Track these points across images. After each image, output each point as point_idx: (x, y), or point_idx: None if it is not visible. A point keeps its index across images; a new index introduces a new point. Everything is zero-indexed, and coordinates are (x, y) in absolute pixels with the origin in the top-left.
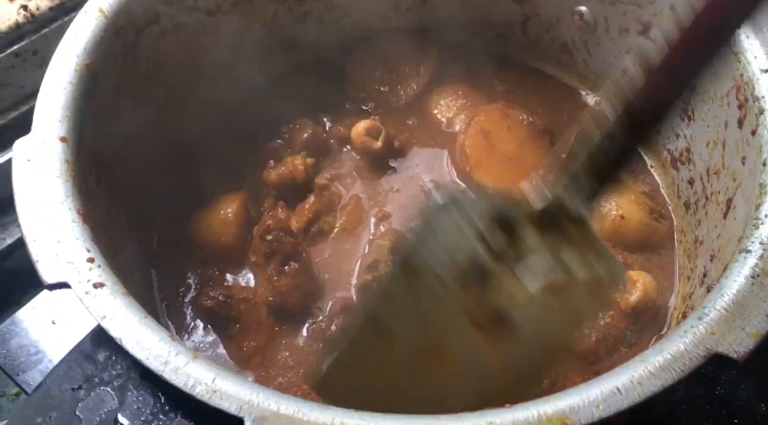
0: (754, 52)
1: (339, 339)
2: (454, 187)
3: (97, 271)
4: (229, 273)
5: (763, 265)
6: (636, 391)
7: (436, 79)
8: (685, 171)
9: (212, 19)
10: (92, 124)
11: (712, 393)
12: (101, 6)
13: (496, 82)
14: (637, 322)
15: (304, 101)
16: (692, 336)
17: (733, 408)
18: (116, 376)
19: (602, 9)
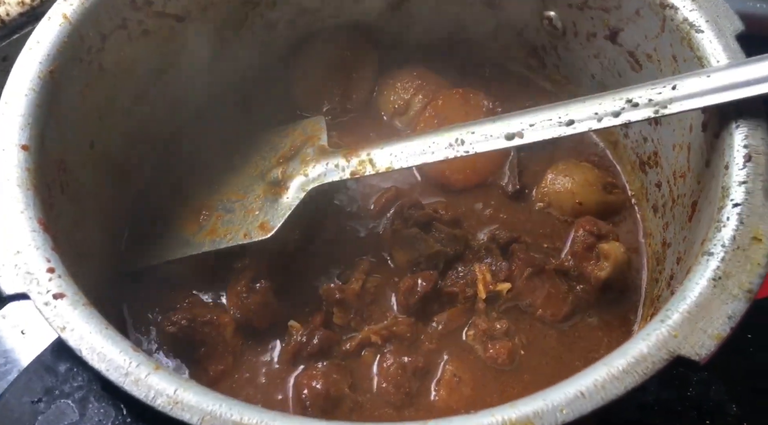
0: (717, 56)
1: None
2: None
3: (57, 281)
4: (196, 290)
5: (725, 268)
6: (599, 394)
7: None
8: (653, 174)
9: (181, 24)
10: (56, 131)
11: (684, 395)
12: (65, 12)
13: (456, 73)
14: (608, 293)
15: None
16: (655, 338)
17: (705, 409)
18: (77, 388)
19: (570, 14)
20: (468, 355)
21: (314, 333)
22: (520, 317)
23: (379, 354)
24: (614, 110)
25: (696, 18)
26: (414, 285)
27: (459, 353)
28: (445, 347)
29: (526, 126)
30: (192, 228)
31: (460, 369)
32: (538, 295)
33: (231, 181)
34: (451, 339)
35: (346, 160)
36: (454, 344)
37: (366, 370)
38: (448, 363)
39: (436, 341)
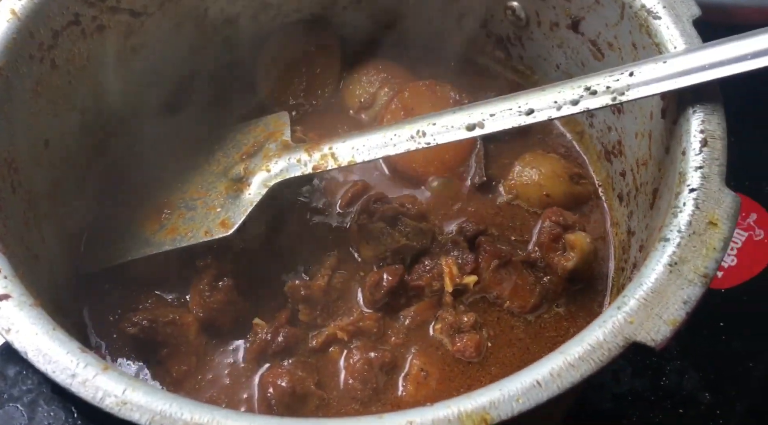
0: (674, 43)
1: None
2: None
3: (3, 282)
4: (157, 290)
5: (681, 253)
6: (555, 383)
7: (349, 65)
8: (618, 163)
9: (138, 20)
10: (6, 129)
11: (657, 384)
12: (13, 8)
13: (421, 66)
14: (575, 283)
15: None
16: (611, 325)
17: (678, 398)
18: (26, 392)
19: (533, 4)
20: (435, 349)
21: (279, 331)
22: (487, 309)
23: (346, 350)
24: (573, 98)
25: (653, 4)
26: (380, 280)
27: (426, 347)
28: (413, 341)
29: (487, 116)
30: (153, 227)
31: (428, 364)
32: (505, 287)
33: (193, 179)
34: (418, 333)
35: (309, 155)
36: (422, 338)
37: (332, 367)
38: (415, 358)
39: (403, 335)
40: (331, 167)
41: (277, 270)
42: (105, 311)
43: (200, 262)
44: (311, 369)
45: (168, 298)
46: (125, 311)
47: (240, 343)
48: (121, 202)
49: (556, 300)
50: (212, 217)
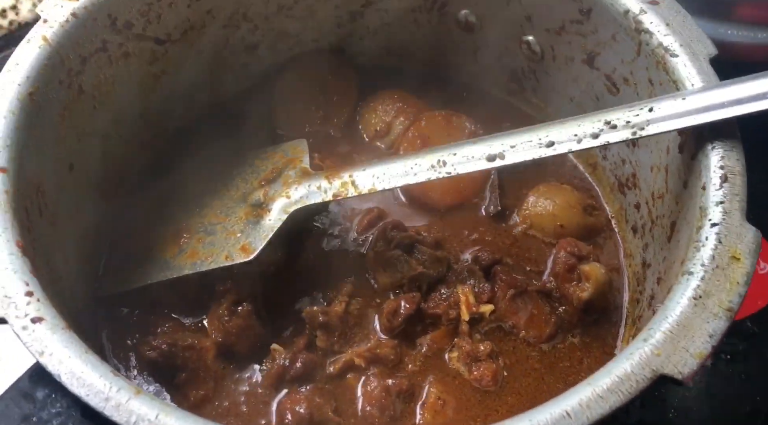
0: (692, 80)
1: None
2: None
3: (36, 305)
4: (176, 314)
5: (705, 287)
6: (585, 414)
7: (364, 94)
8: (632, 196)
9: (162, 47)
10: (35, 153)
11: (666, 418)
12: (45, 34)
13: (436, 97)
14: (590, 313)
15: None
16: (638, 357)
17: None
18: (56, 415)
19: (549, 39)
20: (452, 378)
21: (297, 357)
22: (503, 338)
23: (363, 377)
24: (593, 132)
25: (671, 42)
26: (397, 307)
27: (443, 375)
28: (429, 369)
29: (507, 147)
30: (172, 250)
31: (444, 392)
32: (521, 316)
33: (212, 203)
34: (434, 361)
35: (329, 182)
36: (438, 366)
37: (350, 393)
38: (432, 386)
39: (420, 363)
40: (351, 194)
41: (294, 295)
42: (123, 334)
43: (220, 287)
44: (329, 396)
45: (185, 322)
46: (143, 334)
47: (257, 368)
48: (139, 226)
49: (571, 330)
50: (232, 242)
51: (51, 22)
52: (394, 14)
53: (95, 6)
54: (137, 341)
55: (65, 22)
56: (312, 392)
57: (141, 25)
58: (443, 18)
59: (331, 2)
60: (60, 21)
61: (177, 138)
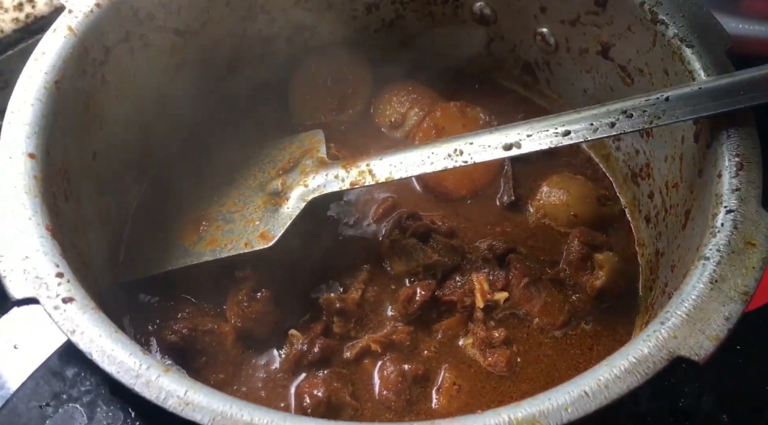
0: (707, 70)
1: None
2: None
3: (66, 286)
4: (197, 299)
5: (721, 271)
6: (603, 394)
7: (378, 86)
8: (645, 186)
9: (181, 38)
10: (60, 140)
11: (675, 406)
12: (70, 24)
13: (450, 88)
14: (603, 301)
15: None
16: (655, 340)
17: (696, 419)
18: (85, 392)
19: (563, 30)
20: (467, 364)
21: (315, 342)
22: (517, 325)
23: (380, 362)
24: (609, 121)
25: (686, 33)
26: (413, 294)
27: (458, 361)
28: (444, 355)
29: (524, 136)
30: (191, 238)
31: (459, 377)
32: (534, 304)
33: (230, 192)
34: (449, 347)
35: (346, 171)
36: (453, 352)
37: (367, 378)
38: (447, 371)
39: (435, 349)
40: (368, 183)
41: (311, 282)
42: (145, 319)
43: (239, 273)
44: (346, 380)
45: (206, 307)
46: (164, 319)
47: (275, 353)
48: (160, 213)
49: (584, 317)
50: (251, 230)
51: (76, 12)
52: (409, 7)
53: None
54: (158, 326)
55: (90, 12)
56: (329, 376)
57: (162, 16)
58: (458, 10)
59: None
60: (84, 11)
61: (195, 128)
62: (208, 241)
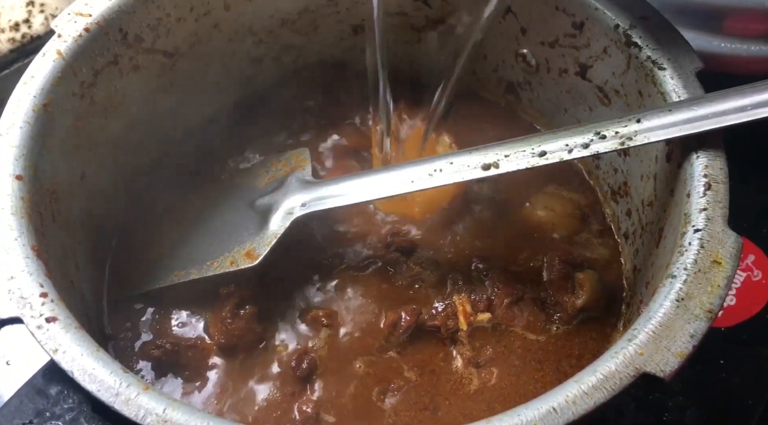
0: (678, 92)
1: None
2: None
3: (50, 306)
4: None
5: (687, 289)
6: (570, 410)
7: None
8: (624, 203)
9: (170, 60)
10: (49, 162)
11: (660, 420)
12: (59, 48)
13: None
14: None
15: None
16: (622, 356)
17: None
18: (68, 410)
19: (543, 51)
20: (457, 385)
21: (303, 358)
22: (501, 338)
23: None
24: (584, 142)
25: (658, 56)
26: (398, 320)
27: (448, 383)
28: (431, 377)
29: (502, 156)
30: (178, 256)
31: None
32: (517, 324)
33: (217, 211)
34: (435, 370)
35: (330, 190)
36: (437, 373)
37: None
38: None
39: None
40: (352, 202)
41: (294, 298)
42: (128, 334)
43: (223, 290)
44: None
45: (189, 322)
46: (148, 334)
47: (261, 368)
48: (147, 231)
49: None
50: (237, 248)
51: (65, 37)
52: (394, 29)
53: (107, 21)
54: (143, 340)
55: (78, 36)
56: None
57: (151, 39)
58: (441, 33)
59: (334, 17)
60: (73, 35)
61: (183, 147)
62: (194, 260)
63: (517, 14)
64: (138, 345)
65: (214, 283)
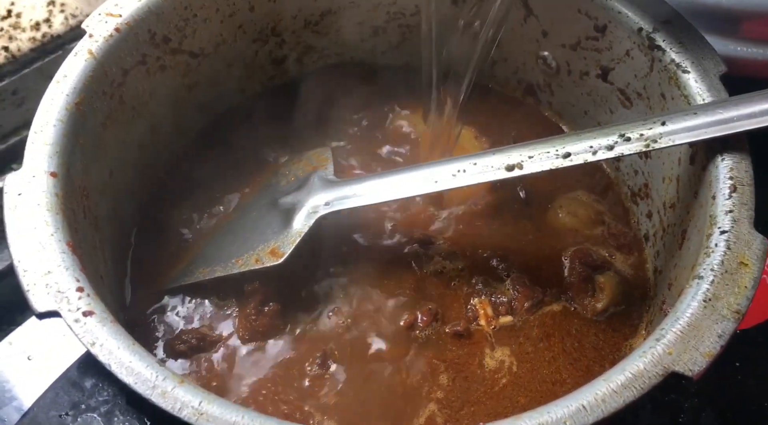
0: (703, 95)
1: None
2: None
3: (86, 300)
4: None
5: (714, 290)
6: (600, 408)
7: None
8: (644, 205)
9: (195, 60)
10: (80, 159)
11: (675, 421)
12: (91, 48)
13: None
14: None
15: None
16: (651, 356)
17: None
18: (103, 402)
19: (564, 54)
20: (483, 385)
21: (326, 357)
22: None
23: None
24: (608, 144)
25: (682, 59)
26: (414, 320)
27: (474, 383)
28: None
29: (525, 158)
30: (198, 253)
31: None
32: (538, 324)
33: (241, 209)
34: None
35: (352, 189)
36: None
37: None
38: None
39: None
40: (374, 202)
41: (317, 296)
42: (154, 328)
43: (248, 287)
44: None
45: (214, 318)
46: (173, 329)
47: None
48: (172, 228)
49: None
50: (262, 246)
51: (96, 37)
52: (414, 31)
53: (136, 21)
54: (168, 335)
55: (109, 36)
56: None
57: (178, 39)
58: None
59: (355, 18)
60: (104, 36)
61: (207, 147)
62: (219, 257)
63: (539, 17)
64: (163, 340)
65: (238, 280)
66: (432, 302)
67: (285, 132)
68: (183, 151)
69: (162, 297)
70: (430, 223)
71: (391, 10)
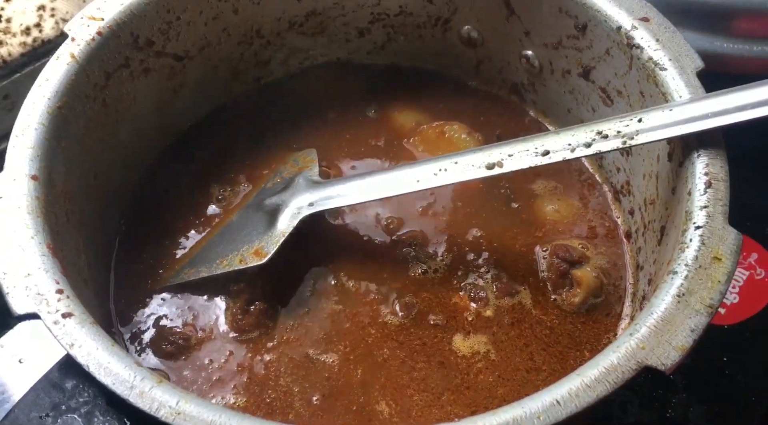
0: (680, 92)
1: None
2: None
3: (66, 302)
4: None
5: (688, 285)
6: (573, 402)
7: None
8: (626, 202)
9: (180, 63)
10: (63, 162)
11: (663, 416)
12: (72, 52)
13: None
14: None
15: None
16: (624, 350)
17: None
18: (83, 403)
19: (546, 53)
20: (460, 376)
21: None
22: (501, 330)
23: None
24: (586, 141)
25: (660, 57)
26: (396, 314)
27: (451, 374)
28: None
29: (506, 156)
30: (188, 254)
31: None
32: (515, 318)
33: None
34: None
35: (336, 190)
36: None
37: None
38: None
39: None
40: (357, 202)
41: (303, 295)
42: (139, 329)
43: (234, 287)
44: None
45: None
46: (159, 329)
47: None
48: (157, 229)
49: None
50: (246, 246)
51: (78, 40)
52: (399, 30)
53: (119, 24)
54: (154, 337)
55: (91, 40)
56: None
57: (161, 42)
58: (447, 34)
59: (340, 19)
60: (86, 39)
61: (192, 148)
62: (204, 258)
63: (521, 17)
64: (150, 341)
65: (224, 281)
66: (413, 296)
67: (271, 133)
68: (169, 153)
69: (148, 299)
70: (413, 219)
71: (375, 11)
